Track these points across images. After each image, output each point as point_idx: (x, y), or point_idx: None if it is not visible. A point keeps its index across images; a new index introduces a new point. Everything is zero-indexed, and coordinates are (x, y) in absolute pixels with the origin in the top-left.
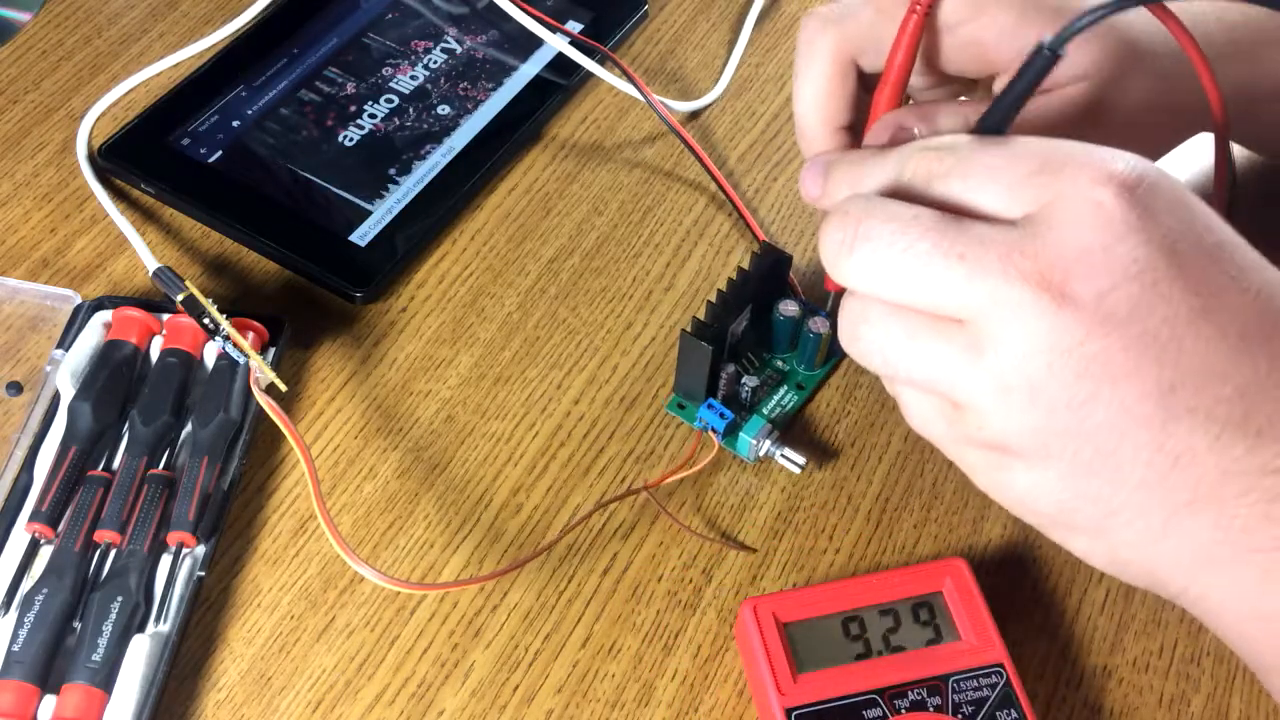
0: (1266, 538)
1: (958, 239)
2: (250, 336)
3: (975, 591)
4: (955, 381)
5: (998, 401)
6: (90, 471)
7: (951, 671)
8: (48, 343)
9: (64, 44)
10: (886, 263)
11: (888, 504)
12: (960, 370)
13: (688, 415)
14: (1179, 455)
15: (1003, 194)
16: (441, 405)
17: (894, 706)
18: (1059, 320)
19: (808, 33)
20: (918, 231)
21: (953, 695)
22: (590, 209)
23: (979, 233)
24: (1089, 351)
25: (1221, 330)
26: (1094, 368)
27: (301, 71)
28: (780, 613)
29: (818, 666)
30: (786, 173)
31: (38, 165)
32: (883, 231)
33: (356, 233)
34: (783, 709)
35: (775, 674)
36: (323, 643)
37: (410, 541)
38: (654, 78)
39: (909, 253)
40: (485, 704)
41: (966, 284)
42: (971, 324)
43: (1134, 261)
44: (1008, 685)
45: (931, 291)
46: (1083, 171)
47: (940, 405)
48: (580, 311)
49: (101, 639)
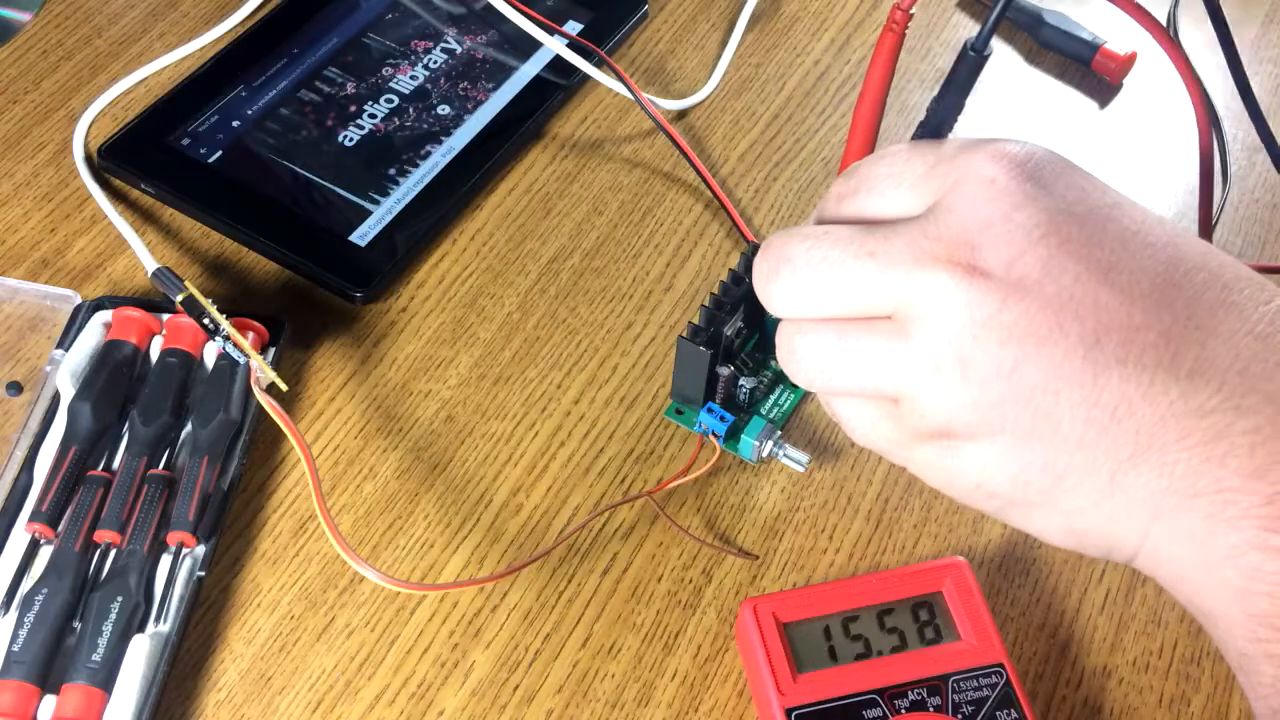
0: (1208, 481)
1: (866, 240)
2: (250, 336)
3: (975, 591)
4: (889, 372)
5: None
6: (90, 471)
7: (951, 671)
8: (48, 343)
9: (64, 44)
10: (806, 279)
11: (888, 504)
12: (891, 360)
13: (686, 420)
14: (1115, 407)
15: (906, 194)
16: (441, 405)
17: (894, 706)
18: (973, 293)
19: None
20: (828, 242)
21: (953, 695)
22: (590, 209)
23: (885, 230)
24: (1008, 319)
25: (1134, 280)
26: (1016, 332)
27: (301, 71)
28: (780, 613)
29: (818, 666)
30: (786, 173)
31: (37, 165)
32: (798, 250)
33: (356, 233)
34: (783, 709)
35: (775, 674)
36: (323, 643)
37: (410, 541)
38: (654, 78)
39: (824, 264)
40: (485, 704)
41: (880, 277)
42: (895, 315)
43: (1035, 226)
44: (1007, 685)
45: (851, 294)
46: (975, 155)
47: (880, 407)
48: (580, 311)
49: (101, 639)
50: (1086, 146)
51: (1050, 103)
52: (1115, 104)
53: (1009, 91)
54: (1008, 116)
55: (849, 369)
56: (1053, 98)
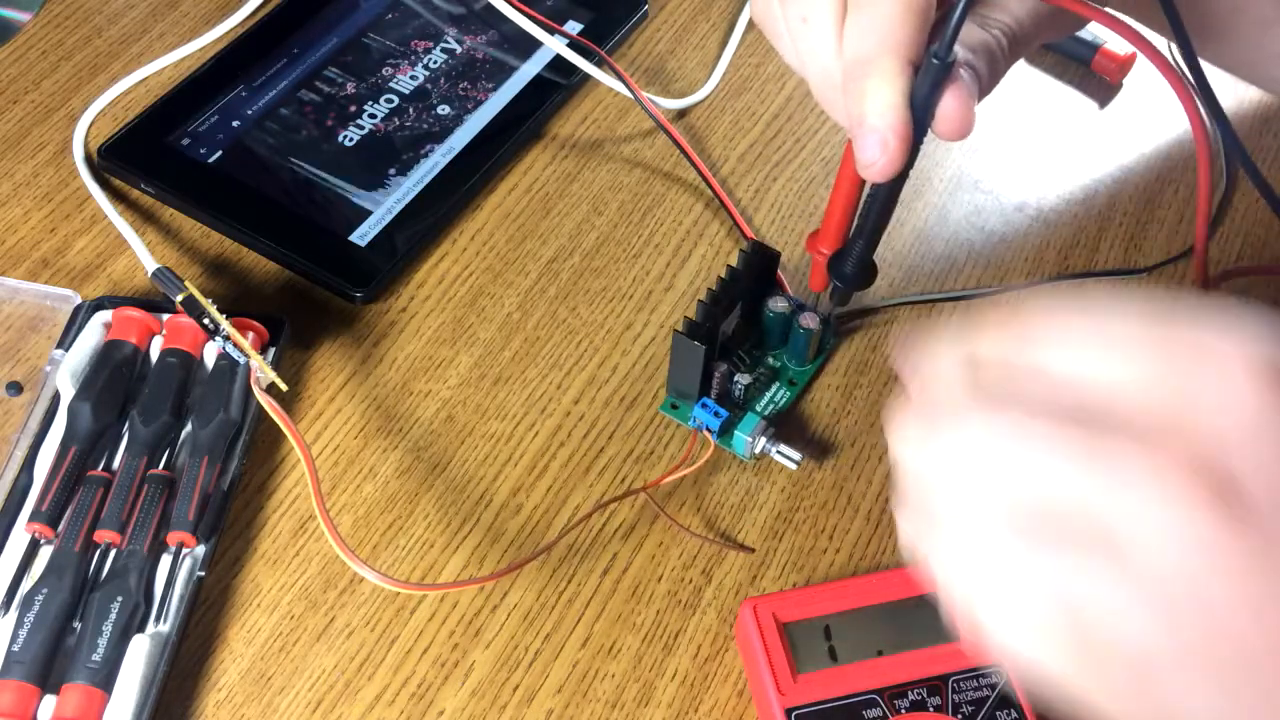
0: None
1: (1083, 426)
2: (250, 336)
3: None
4: (1093, 594)
5: (1152, 614)
6: (90, 471)
7: (951, 671)
8: (48, 343)
9: (64, 44)
10: (993, 458)
11: (888, 504)
12: (1100, 581)
13: (681, 415)
14: None
15: (1118, 364)
16: (441, 405)
17: (894, 706)
18: (1226, 520)
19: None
20: (1030, 425)
21: (953, 695)
22: (590, 209)
23: (1107, 416)
24: (1268, 554)
25: None
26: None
27: (301, 71)
28: (780, 613)
29: (818, 666)
30: (787, 172)
31: (37, 165)
32: (984, 421)
33: (356, 233)
34: (783, 709)
35: (775, 674)
36: (323, 643)
37: (410, 541)
38: (654, 78)
39: (1025, 453)
40: (485, 704)
41: (1098, 478)
42: (1109, 526)
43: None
44: (1007, 685)
45: (1055, 492)
46: (1229, 358)
47: (1061, 621)
48: (580, 311)
49: (101, 639)
50: (1086, 146)
51: (1050, 103)
52: (1115, 104)
53: (1009, 92)
54: (1008, 116)
55: (1036, 582)
56: (1053, 98)
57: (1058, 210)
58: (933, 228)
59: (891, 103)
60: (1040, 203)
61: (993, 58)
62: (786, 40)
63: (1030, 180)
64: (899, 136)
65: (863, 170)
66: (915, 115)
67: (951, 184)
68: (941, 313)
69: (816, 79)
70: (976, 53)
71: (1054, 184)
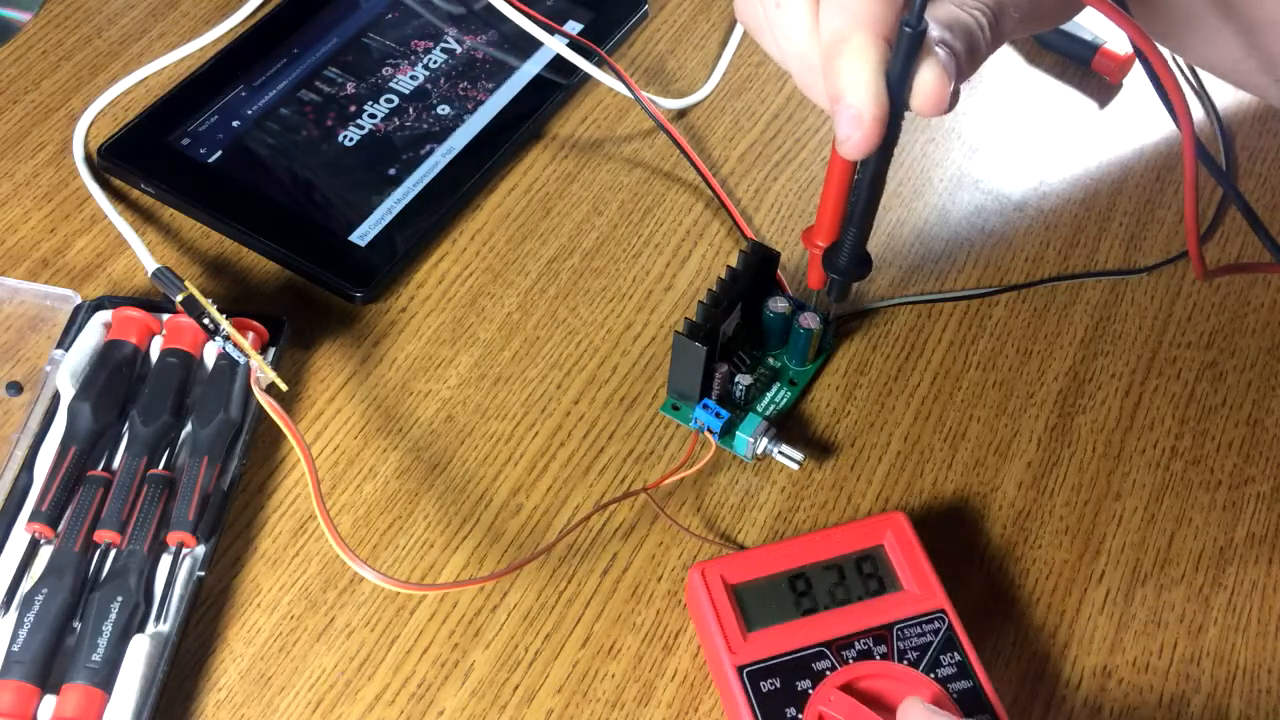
0: None
1: None
2: (250, 336)
3: (915, 542)
4: None
5: None
6: (90, 471)
7: (895, 620)
8: (48, 343)
9: (64, 44)
10: None
11: (888, 504)
12: None
13: (682, 416)
14: None
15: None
16: (441, 405)
17: (841, 657)
18: None
19: None
20: None
21: (897, 643)
22: (590, 209)
23: None
24: None
25: None
26: None
27: (301, 71)
28: (728, 575)
29: (766, 624)
30: (787, 172)
31: (37, 165)
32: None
33: (356, 233)
34: (734, 666)
35: (726, 634)
36: (323, 643)
37: (410, 541)
38: (654, 78)
39: None
40: (485, 704)
41: None
42: None
43: None
44: (950, 630)
45: None
46: None
47: None
48: (580, 311)
49: (101, 639)
50: (1086, 146)
51: (1050, 103)
52: (1115, 104)
53: (1009, 91)
54: (1008, 117)
55: None
56: (1053, 98)
57: (1058, 210)
58: (933, 228)
59: (864, 77)
60: (1040, 203)
61: (971, 37)
62: (767, 32)
63: (1031, 180)
64: (873, 111)
65: (841, 147)
66: (891, 91)
67: (951, 184)
68: (941, 313)
69: (795, 63)
70: (954, 30)
71: (1054, 184)
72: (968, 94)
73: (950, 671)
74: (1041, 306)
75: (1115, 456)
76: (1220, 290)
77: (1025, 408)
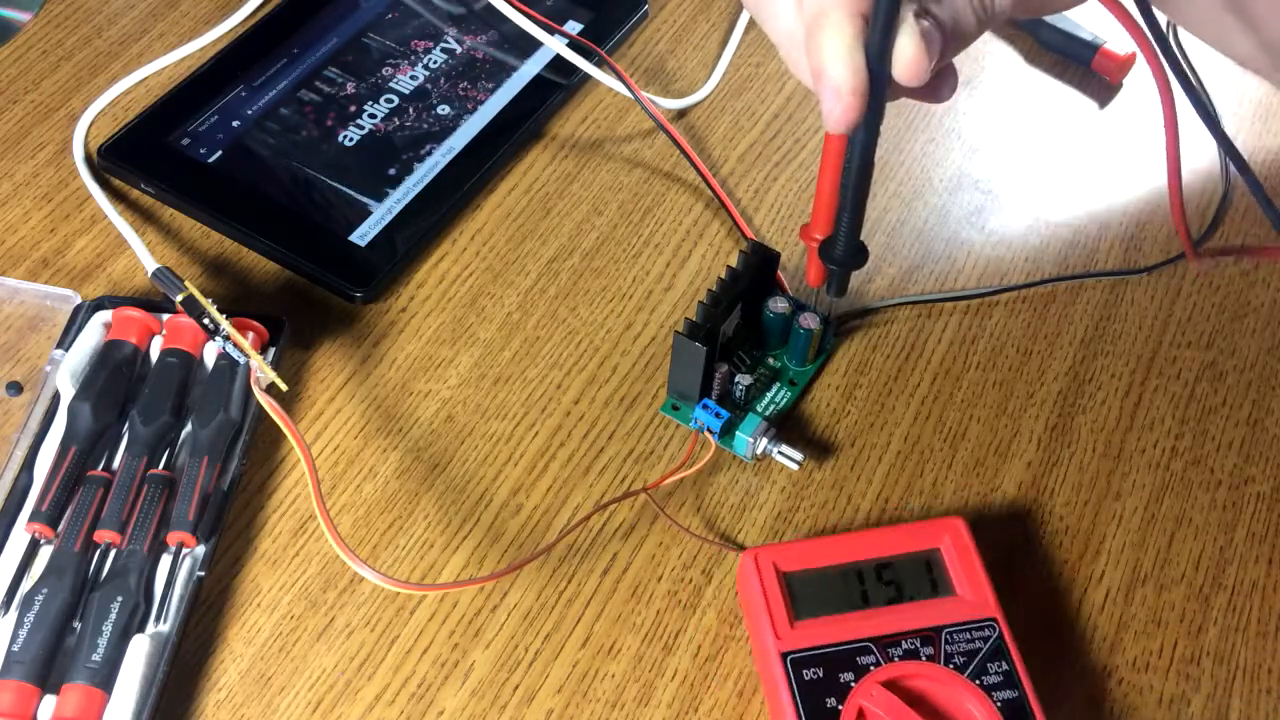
0: None
1: None
2: (250, 336)
3: (972, 549)
4: None
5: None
6: (90, 471)
7: (945, 624)
8: (48, 343)
9: (64, 44)
10: None
11: (888, 504)
12: None
13: (682, 416)
14: None
15: None
16: (441, 405)
17: (887, 654)
18: None
19: None
20: None
21: (945, 646)
22: (590, 209)
23: None
24: None
25: None
26: None
27: (301, 71)
28: (780, 562)
29: (815, 614)
30: (787, 172)
31: (37, 165)
32: None
33: (356, 233)
34: (779, 653)
35: (774, 620)
36: (323, 643)
37: (410, 541)
38: (654, 78)
39: None
40: (485, 704)
41: None
42: None
43: None
44: (1000, 639)
45: None
46: None
47: None
48: (580, 311)
49: (101, 639)
50: (1086, 146)
51: (1050, 103)
52: (1115, 104)
53: (1009, 91)
54: (1008, 116)
55: None
56: (1053, 98)
57: (1057, 210)
58: (933, 228)
59: (841, 51)
60: (1040, 203)
61: (957, 12)
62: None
63: (1030, 180)
64: (851, 83)
65: (825, 122)
66: (871, 63)
67: (951, 184)
68: (941, 313)
69: (782, 41)
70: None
71: (1054, 183)
72: (968, 94)
73: (996, 680)
74: (1041, 307)
75: (1115, 456)
76: (1220, 290)
77: (1025, 408)
